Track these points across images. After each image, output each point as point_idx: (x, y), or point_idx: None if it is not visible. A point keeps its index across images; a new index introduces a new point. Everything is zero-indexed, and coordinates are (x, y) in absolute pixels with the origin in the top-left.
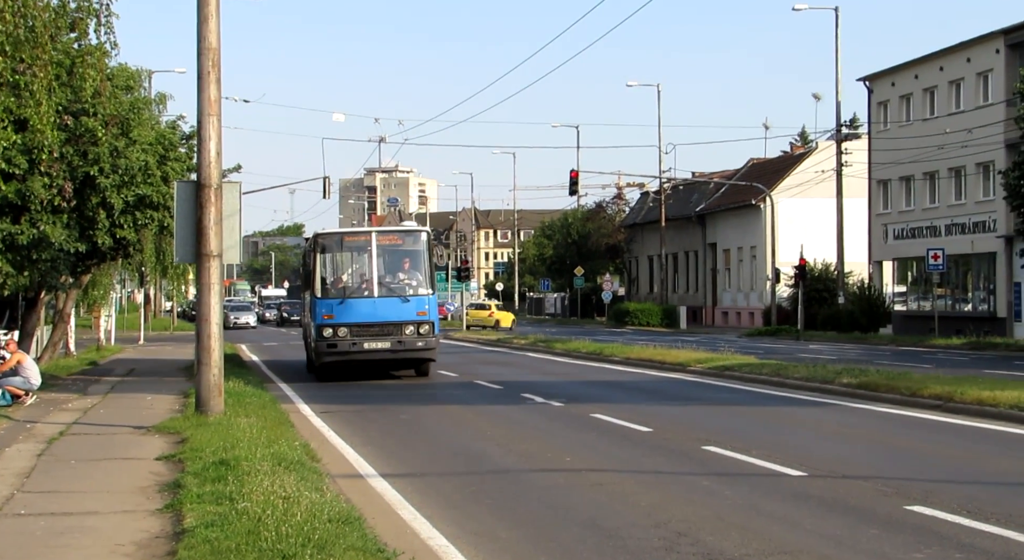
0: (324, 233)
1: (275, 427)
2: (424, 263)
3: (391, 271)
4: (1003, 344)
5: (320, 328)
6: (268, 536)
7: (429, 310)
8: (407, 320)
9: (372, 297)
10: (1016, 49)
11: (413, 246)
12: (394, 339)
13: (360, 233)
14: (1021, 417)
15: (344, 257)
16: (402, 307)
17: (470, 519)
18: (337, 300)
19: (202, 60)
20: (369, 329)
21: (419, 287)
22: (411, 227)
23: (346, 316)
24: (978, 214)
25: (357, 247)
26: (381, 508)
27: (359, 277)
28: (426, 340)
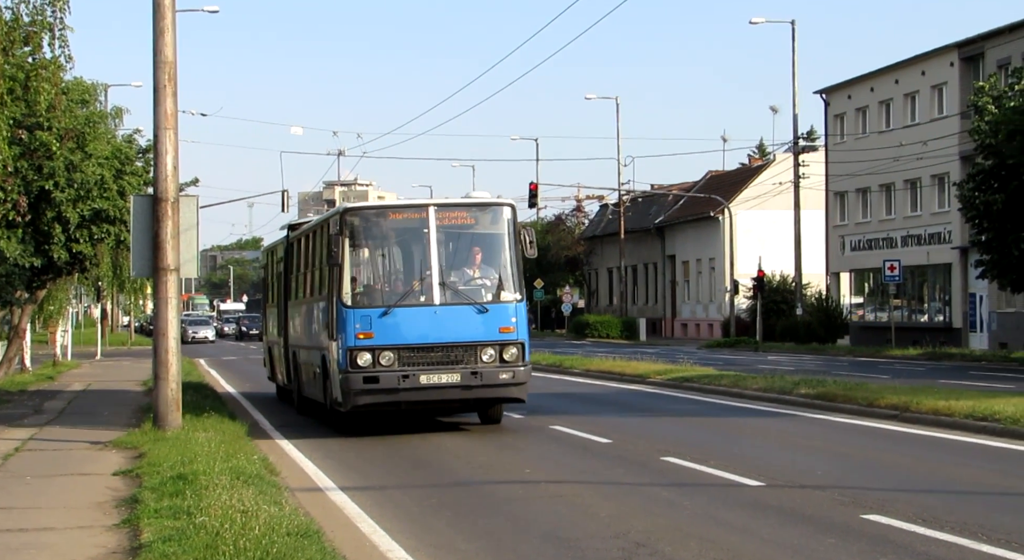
0: (357, 209)
1: (233, 441)
2: (509, 253)
3: (459, 265)
4: (959, 354)
5: (352, 354)
6: (226, 550)
7: (517, 325)
8: (485, 341)
9: (431, 305)
10: (970, 62)
11: (492, 227)
12: (466, 370)
13: (411, 208)
14: (976, 426)
15: (387, 244)
16: (477, 320)
17: (429, 532)
18: (378, 311)
19: (158, 73)
20: (428, 354)
21: (502, 289)
22: (487, 199)
23: (392, 335)
24: (933, 226)
25: (407, 229)
26: (340, 521)
27: (410, 275)
28: (513, 370)
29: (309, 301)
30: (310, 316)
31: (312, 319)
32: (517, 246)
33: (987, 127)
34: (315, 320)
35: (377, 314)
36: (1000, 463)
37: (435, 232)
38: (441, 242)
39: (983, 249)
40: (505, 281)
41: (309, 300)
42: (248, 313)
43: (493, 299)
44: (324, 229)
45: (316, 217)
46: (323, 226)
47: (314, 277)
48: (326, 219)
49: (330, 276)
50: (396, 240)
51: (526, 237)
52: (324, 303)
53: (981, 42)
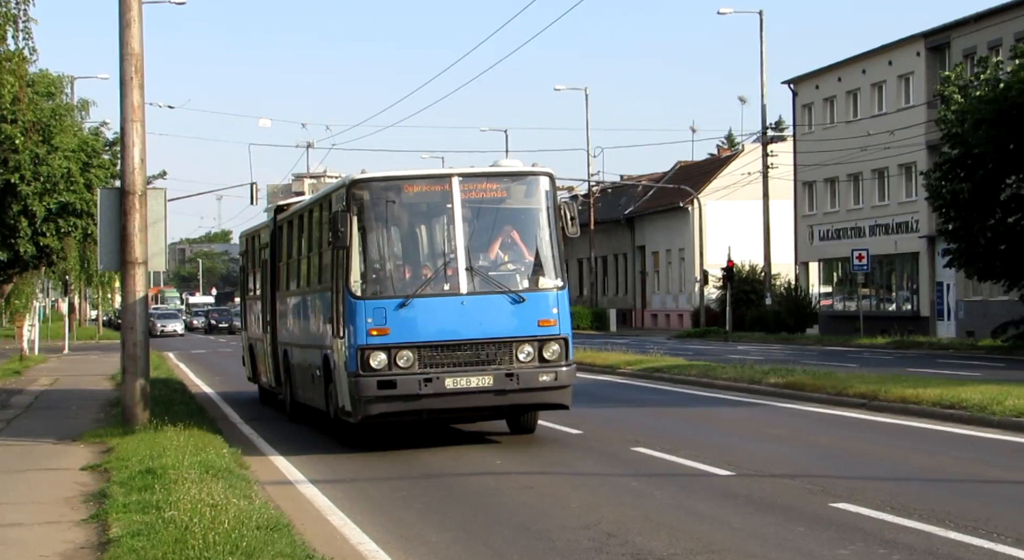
0: (366, 180)
1: (203, 435)
2: (548, 231)
3: (490, 247)
4: (926, 343)
5: (363, 353)
6: (195, 544)
7: (559, 317)
8: (522, 336)
9: (457, 294)
10: (936, 52)
11: (527, 201)
12: (499, 371)
13: (431, 179)
14: (943, 414)
15: (403, 222)
16: (512, 312)
17: (400, 524)
18: (394, 302)
19: (125, 66)
20: (454, 353)
21: (540, 275)
22: (521, 167)
23: (411, 330)
24: (901, 215)
25: (426, 204)
26: (311, 514)
27: (432, 259)
28: (555, 370)
29: (305, 292)
30: (307, 309)
31: (310, 313)
32: (557, 223)
33: (953, 116)
34: (314, 314)
35: (393, 306)
36: (967, 450)
37: (460, 207)
38: (467, 219)
39: (950, 238)
40: (544, 265)
41: (305, 291)
42: (217, 306)
43: (530, 286)
44: (325, 206)
45: (310, 195)
46: (323, 203)
47: (312, 264)
48: (328, 194)
49: (334, 261)
50: (414, 217)
51: (567, 212)
52: (326, 294)
53: (947, 32)
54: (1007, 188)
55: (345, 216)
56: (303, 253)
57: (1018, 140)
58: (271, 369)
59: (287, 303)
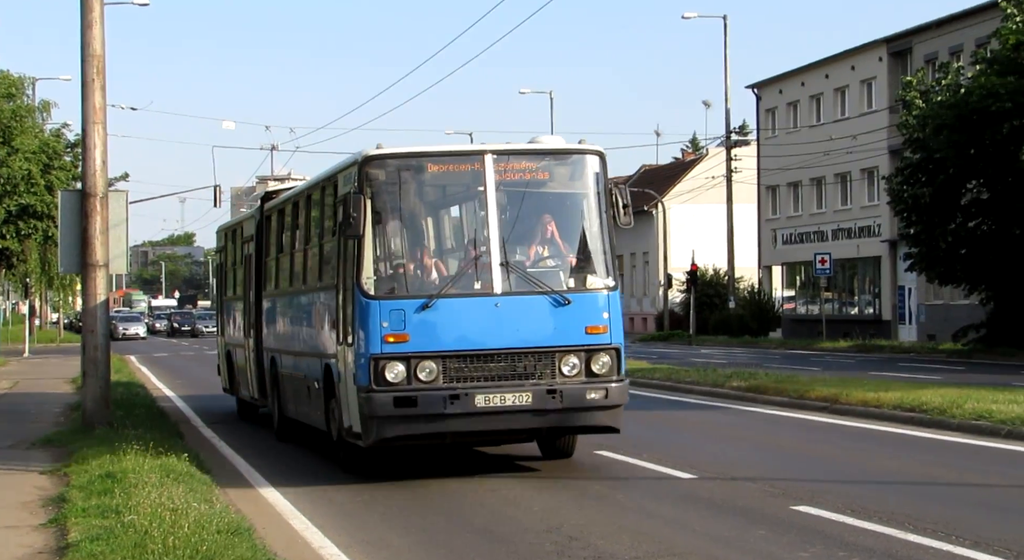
0: (382, 157)
1: (165, 439)
2: (597, 220)
3: (529, 238)
4: (888, 346)
5: (378, 364)
6: (155, 549)
7: (611, 322)
8: (567, 345)
9: (490, 294)
10: (898, 57)
11: (573, 184)
12: (539, 387)
13: (460, 156)
14: (904, 417)
15: (425, 208)
16: (555, 316)
17: (362, 528)
18: (414, 303)
19: (86, 67)
20: (486, 365)
21: (588, 272)
22: (566, 145)
23: (435, 337)
24: (863, 219)
25: (454, 187)
26: (272, 518)
27: (460, 252)
28: (606, 387)
29: (300, 291)
30: (303, 312)
31: (306, 316)
32: (608, 211)
33: (915, 121)
34: (312, 317)
35: (413, 308)
36: (927, 453)
37: (494, 190)
38: (503, 205)
39: (911, 242)
40: (592, 260)
41: (300, 290)
42: (180, 309)
43: (576, 286)
44: (328, 190)
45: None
46: (325, 186)
47: (310, 258)
48: (333, 175)
49: (341, 254)
50: (439, 202)
51: (619, 199)
52: (329, 293)
53: (909, 37)
54: (968, 193)
55: (358, 199)
56: (298, 246)
57: (978, 145)
58: (254, 380)
59: (276, 304)
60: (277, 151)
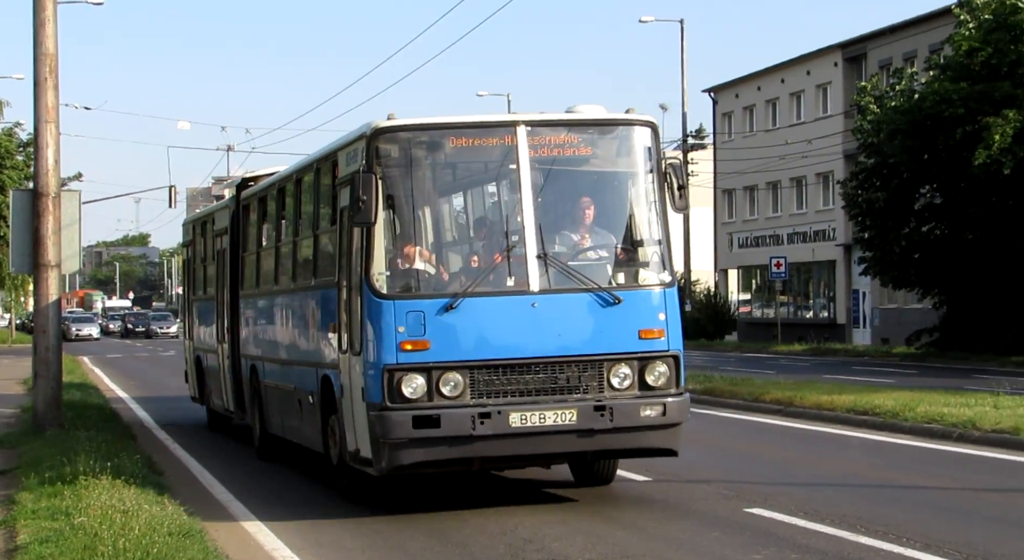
0: (396, 129)
1: (117, 440)
2: (651, 203)
3: (571, 225)
4: (842, 350)
5: (393, 377)
6: (104, 551)
7: (668, 325)
8: (617, 353)
9: (525, 292)
10: (853, 62)
11: (622, 161)
12: (585, 403)
13: (488, 128)
14: (856, 420)
15: (447, 190)
16: (603, 318)
17: (316, 530)
18: (436, 304)
19: (39, 66)
20: (522, 377)
21: (641, 266)
22: (613, 115)
23: (461, 344)
24: (818, 223)
25: (481, 164)
26: (225, 520)
27: (489, 242)
28: (663, 402)
29: (290, 290)
30: (293, 313)
31: (298, 318)
32: (662, 193)
33: (869, 126)
34: (306, 320)
35: (434, 308)
36: (879, 456)
37: (529, 169)
38: (539, 186)
39: (866, 246)
40: (646, 251)
41: (289, 288)
42: (133, 310)
43: (627, 282)
44: (325, 170)
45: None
46: (321, 167)
47: (301, 252)
48: (332, 152)
49: (345, 246)
50: (463, 183)
51: (674, 178)
52: (328, 291)
53: (864, 43)
54: (921, 197)
55: (368, 180)
56: (285, 238)
57: (932, 150)
58: (229, 390)
59: (257, 305)
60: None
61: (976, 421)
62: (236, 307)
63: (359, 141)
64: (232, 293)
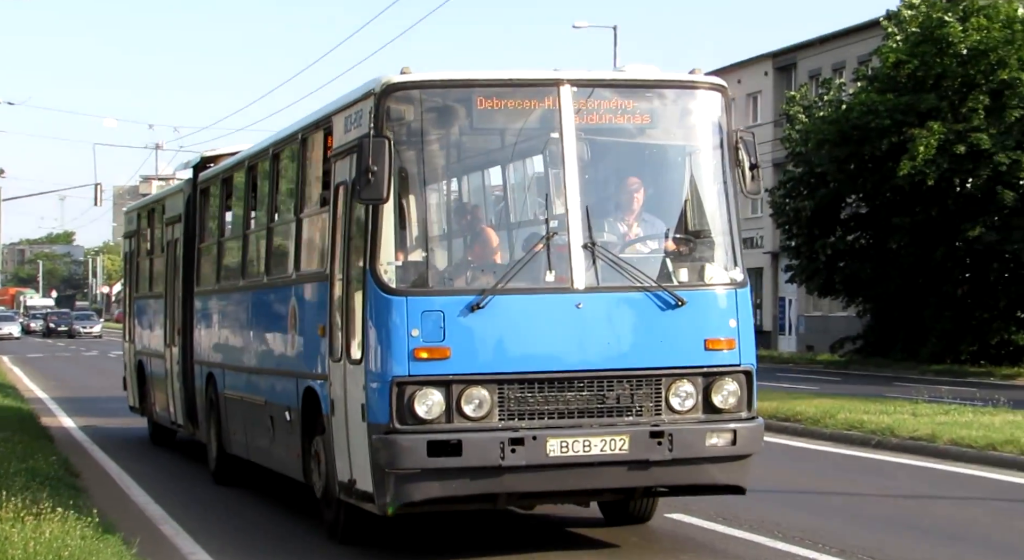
0: (411, 85)
1: (32, 441)
2: (719, 184)
3: (623, 209)
4: (768, 357)
5: (402, 391)
6: (15, 555)
7: (739, 333)
8: (679, 367)
9: (568, 290)
10: (783, 72)
11: (684, 133)
12: (639, 427)
13: (526, 87)
14: (779, 426)
15: (473, 162)
16: (662, 324)
17: (237, 532)
18: (458, 301)
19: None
20: (563, 394)
21: (706, 260)
22: (674, 76)
23: (489, 352)
24: (747, 231)
25: (516, 130)
26: (142, 523)
27: (524, 229)
28: (733, 429)
29: (262, 286)
30: (266, 312)
31: (273, 318)
32: (733, 172)
33: (798, 136)
34: (284, 320)
35: (456, 308)
36: (799, 462)
37: (574, 139)
38: (586, 161)
39: (792, 254)
40: (714, 243)
41: (262, 284)
42: (56, 309)
43: (691, 280)
44: (315, 141)
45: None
46: (309, 137)
47: (278, 240)
48: (326, 117)
49: (342, 232)
50: (492, 153)
51: (745, 156)
52: (315, 287)
53: (794, 53)
54: (847, 207)
55: (381, 147)
56: (257, 225)
57: (858, 160)
58: (180, 400)
59: (218, 304)
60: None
61: (894, 428)
62: (190, 306)
63: (364, 101)
64: (185, 289)
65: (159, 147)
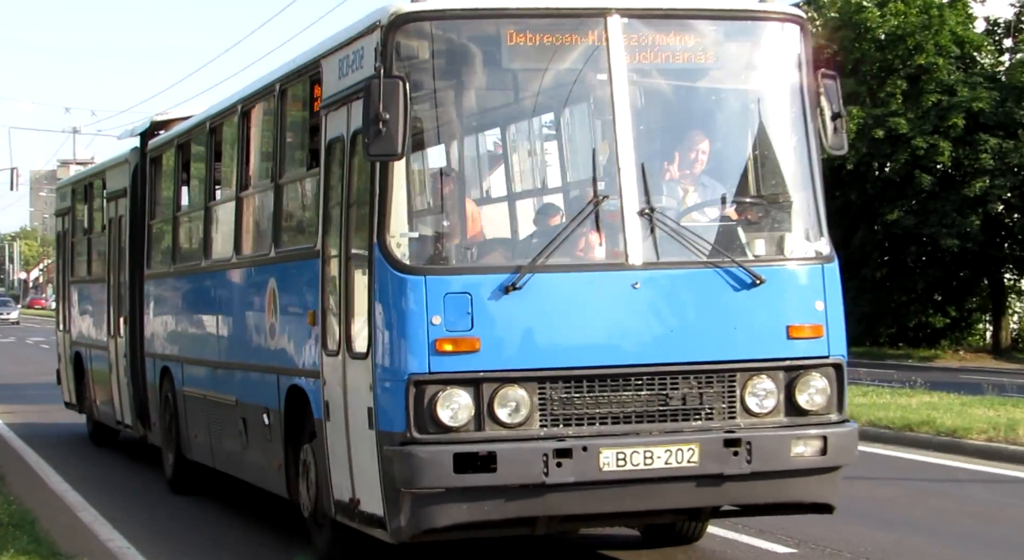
0: (424, 15)
1: None
2: (799, 136)
3: (684, 167)
4: None
5: (420, 391)
6: None
7: (827, 316)
8: (756, 360)
9: (622, 267)
10: None
11: (756, 76)
12: (709, 434)
13: (565, 19)
14: None
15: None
16: (735, 307)
17: (156, 520)
18: (489, 280)
19: None
20: (617, 394)
21: (784, 227)
22: (745, 6)
23: (525, 344)
24: None
25: (554, 71)
26: (59, 509)
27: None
28: (822, 434)
29: (232, 266)
30: (238, 296)
31: (246, 303)
32: (814, 121)
33: None
34: (261, 305)
35: (487, 289)
36: None
37: (626, 82)
38: (640, 109)
39: None
40: (794, 209)
41: (231, 264)
42: None
43: (769, 254)
44: (298, 90)
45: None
46: (290, 86)
47: (251, 212)
48: (316, 61)
49: (336, 196)
50: (526, 100)
51: (827, 103)
52: (303, 265)
53: None
54: None
55: (394, 89)
56: (225, 194)
57: None
58: (128, 398)
59: (175, 287)
60: (79, 134)
61: None
62: (138, 291)
63: (366, 37)
64: (133, 272)
65: (76, 131)
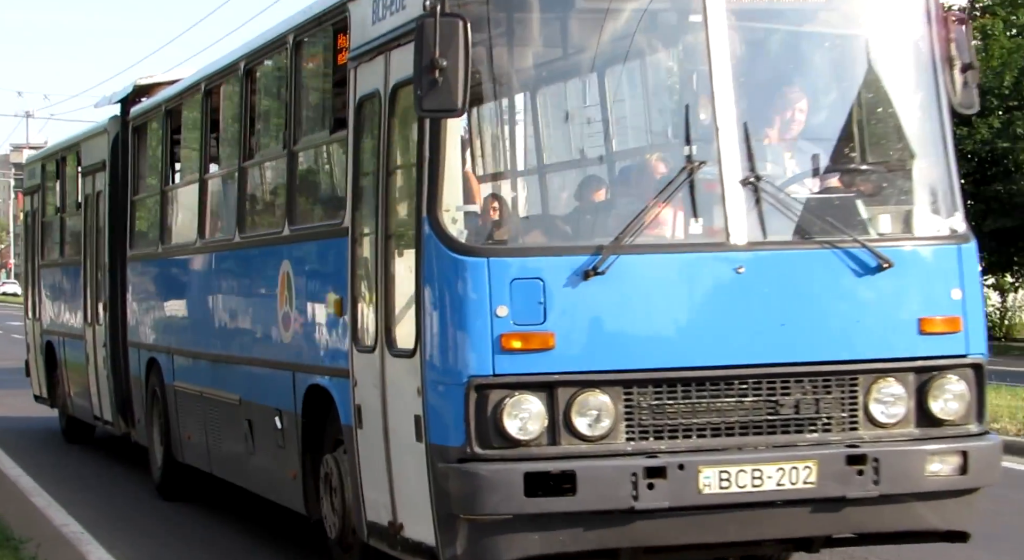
0: None
1: None
2: (927, 94)
3: (791, 127)
4: None
5: (482, 397)
6: None
7: (966, 306)
8: (883, 359)
9: (723, 247)
10: None
11: (872, 22)
12: (827, 449)
13: None
14: None
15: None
16: (857, 297)
17: (110, 505)
18: (561, 264)
19: None
20: (718, 401)
21: (912, 200)
22: None
23: (608, 340)
24: None
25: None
26: (12, 495)
27: (655, 159)
28: (961, 448)
29: (236, 245)
30: (243, 281)
31: (254, 288)
32: (945, 74)
33: None
34: (273, 291)
35: (562, 274)
36: None
37: (725, 28)
38: (742, 59)
39: None
40: (923, 179)
41: (235, 244)
42: None
43: (895, 231)
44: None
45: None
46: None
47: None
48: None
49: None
50: (604, 49)
51: (956, 55)
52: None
53: None
54: None
55: (452, 30)
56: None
57: None
58: (107, 391)
59: (165, 271)
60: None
61: None
62: (120, 274)
63: None
64: (113, 254)
65: (29, 115)
